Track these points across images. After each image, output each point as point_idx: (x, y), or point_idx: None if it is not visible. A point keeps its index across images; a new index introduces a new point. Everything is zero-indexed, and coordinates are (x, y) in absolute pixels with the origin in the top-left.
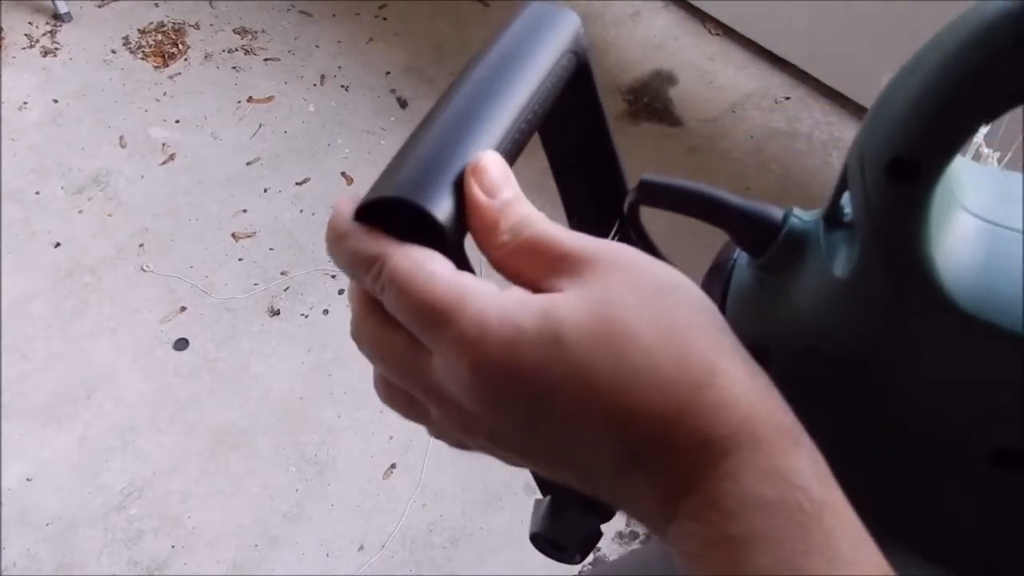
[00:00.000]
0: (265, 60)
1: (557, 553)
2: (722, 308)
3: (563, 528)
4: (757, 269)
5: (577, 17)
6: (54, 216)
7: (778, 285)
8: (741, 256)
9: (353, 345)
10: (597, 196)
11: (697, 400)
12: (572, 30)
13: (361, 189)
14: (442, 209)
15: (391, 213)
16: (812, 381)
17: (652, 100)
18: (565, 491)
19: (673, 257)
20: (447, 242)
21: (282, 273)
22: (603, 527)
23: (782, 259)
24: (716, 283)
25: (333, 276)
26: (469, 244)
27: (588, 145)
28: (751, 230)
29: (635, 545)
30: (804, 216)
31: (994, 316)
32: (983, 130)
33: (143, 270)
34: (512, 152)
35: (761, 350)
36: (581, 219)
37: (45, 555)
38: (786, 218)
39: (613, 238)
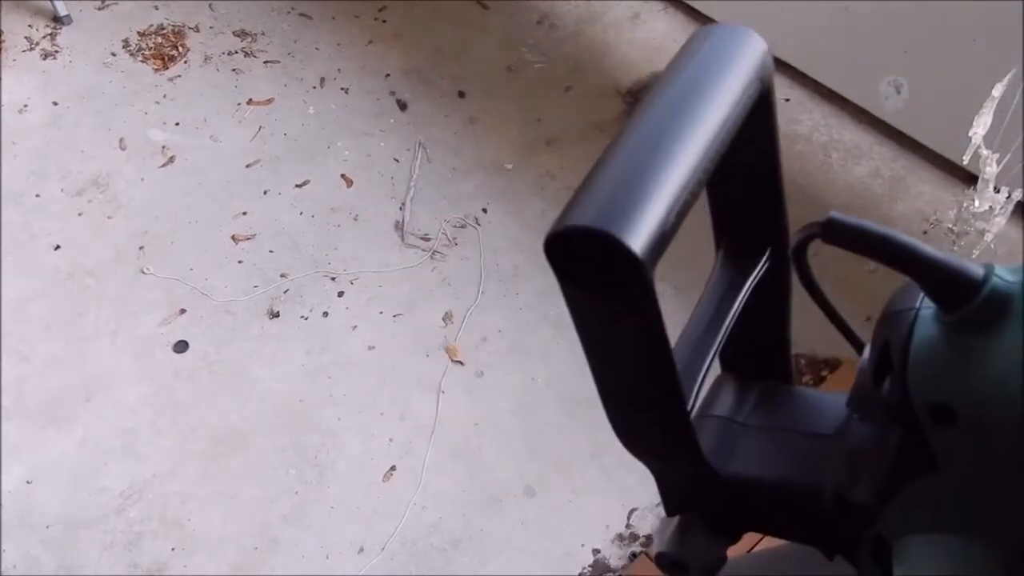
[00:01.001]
0: (265, 62)
1: (679, 573)
2: (904, 360)
3: (692, 550)
4: (947, 325)
5: (763, 41)
6: (54, 218)
7: (973, 345)
8: (925, 305)
9: (353, 347)
10: (754, 220)
11: None
12: (760, 55)
13: (361, 191)
14: (639, 239)
15: (582, 241)
16: (999, 449)
17: None
18: (694, 513)
19: (686, 260)
20: (640, 272)
21: (282, 275)
22: (608, 528)
23: (981, 319)
24: (896, 331)
25: (332, 278)
26: None
27: (756, 168)
28: (948, 285)
29: (635, 547)
30: (1008, 276)
31: None
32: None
33: (143, 272)
34: (703, 181)
35: (944, 409)
36: (730, 239)
37: (45, 557)
38: (987, 277)
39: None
